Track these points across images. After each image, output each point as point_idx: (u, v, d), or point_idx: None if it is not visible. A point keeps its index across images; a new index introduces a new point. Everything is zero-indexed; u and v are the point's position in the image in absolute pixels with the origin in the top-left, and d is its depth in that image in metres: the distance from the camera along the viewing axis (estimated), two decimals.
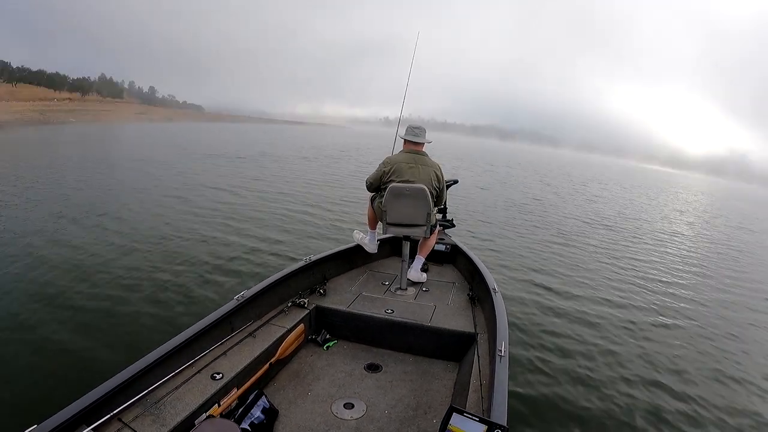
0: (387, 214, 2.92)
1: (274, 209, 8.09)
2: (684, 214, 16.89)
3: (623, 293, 5.43)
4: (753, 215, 22.35)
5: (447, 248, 3.75)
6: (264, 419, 1.84)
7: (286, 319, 2.48)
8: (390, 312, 2.68)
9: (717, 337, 4.50)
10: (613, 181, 31.03)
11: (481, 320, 2.60)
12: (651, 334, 4.26)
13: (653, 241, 9.45)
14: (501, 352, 1.90)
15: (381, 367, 2.40)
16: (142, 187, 9.25)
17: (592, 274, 6.06)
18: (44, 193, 7.84)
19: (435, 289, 3.17)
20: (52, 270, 4.30)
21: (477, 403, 1.80)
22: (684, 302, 5.49)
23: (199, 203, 8.02)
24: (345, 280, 3.22)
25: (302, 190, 10.57)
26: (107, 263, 4.60)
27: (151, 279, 4.29)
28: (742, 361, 4.02)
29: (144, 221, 6.43)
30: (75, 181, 9.26)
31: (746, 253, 10.18)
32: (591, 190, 20.05)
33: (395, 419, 1.97)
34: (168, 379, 1.79)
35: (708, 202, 26.78)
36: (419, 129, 3.08)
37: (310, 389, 2.17)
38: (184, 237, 5.78)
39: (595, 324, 4.31)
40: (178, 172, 11.74)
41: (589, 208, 13.37)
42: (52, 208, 6.71)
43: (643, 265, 7.13)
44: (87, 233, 5.60)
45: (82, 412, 1.43)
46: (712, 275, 7.27)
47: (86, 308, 3.61)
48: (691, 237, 11.25)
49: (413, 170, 2.98)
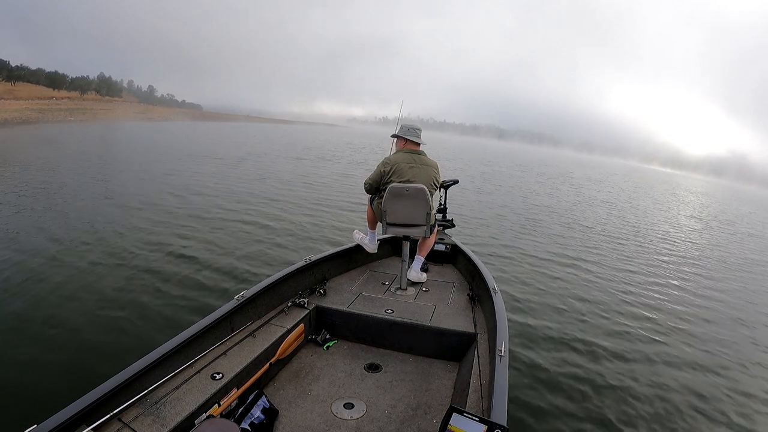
0: (387, 215, 2.92)
1: (278, 209, 8.09)
2: (698, 220, 15.83)
3: (624, 293, 5.44)
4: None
5: (447, 248, 3.75)
6: (264, 419, 1.84)
7: (286, 319, 2.47)
8: (390, 312, 2.68)
9: (720, 339, 4.49)
10: (614, 182, 31.02)
11: (481, 320, 2.60)
12: (652, 335, 4.27)
13: (654, 241, 9.47)
14: (501, 352, 1.90)
15: (381, 367, 2.40)
16: (143, 187, 9.24)
17: (593, 274, 6.07)
18: (45, 191, 7.83)
19: (435, 289, 3.17)
20: (51, 268, 4.29)
21: (477, 403, 1.80)
22: (685, 303, 5.50)
23: (196, 203, 8.01)
24: (345, 280, 3.22)
25: (316, 190, 10.58)
26: (107, 263, 4.60)
27: (151, 279, 4.29)
28: (747, 364, 4.03)
29: (140, 223, 6.43)
30: (74, 185, 9.24)
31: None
32: (589, 192, 20.05)
33: (395, 419, 1.97)
34: (168, 379, 1.79)
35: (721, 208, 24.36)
36: (418, 129, 3.08)
37: (310, 389, 2.16)
38: (182, 237, 5.77)
39: (595, 324, 4.32)
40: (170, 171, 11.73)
41: (589, 208, 13.39)
42: (52, 207, 6.70)
43: (644, 265, 7.15)
44: (86, 233, 5.60)
45: (82, 412, 1.43)
46: (721, 279, 7.29)
47: (86, 308, 3.61)
48: (695, 238, 11.27)
49: (413, 170, 2.98)
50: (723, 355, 4.08)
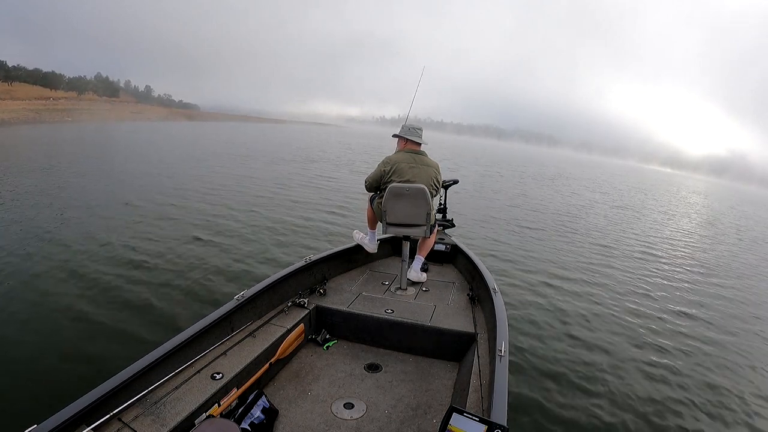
0: (387, 214, 2.92)
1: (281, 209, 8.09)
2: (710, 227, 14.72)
3: (624, 294, 5.44)
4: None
5: (447, 248, 3.75)
6: (264, 419, 1.84)
7: (286, 319, 2.47)
8: (390, 312, 2.68)
9: (723, 341, 4.48)
10: (614, 183, 31.04)
11: (481, 320, 2.60)
12: (653, 335, 4.27)
13: (655, 242, 9.48)
14: (501, 352, 1.90)
15: (381, 367, 2.40)
16: (143, 186, 9.22)
17: (594, 275, 6.07)
18: (42, 189, 7.81)
19: (435, 289, 3.17)
20: (49, 267, 4.29)
21: (477, 403, 1.80)
22: (687, 304, 5.49)
23: (194, 204, 8.00)
24: (345, 280, 3.22)
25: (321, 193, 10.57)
26: (106, 263, 4.59)
27: (151, 279, 4.28)
28: (745, 365, 4.03)
29: (139, 221, 6.41)
30: (73, 179, 9.21)
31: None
32: (590, 193, 20.09)
33: (395, 419, 1.97)
34: (168, 379, 1.78)
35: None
36: (419, 129, 3.08)
37: (310, 389, 2.16)
38: (181, 238, 5.76)
39: (595, 324, 4.32)
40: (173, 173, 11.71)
41: (589, 208, 13.41)
42: (51, 205, 6.68)
43: (644, 266, 7.16)
44: (85, 235, 5.58)
45: (82, 412, 1.43)
46: (720, 276, 7.31)
47: (86, 309, 3.59)
48: (692, 235, 11.30)
49: (414, 170, 2.97)
50: (726, 357, 4.07)
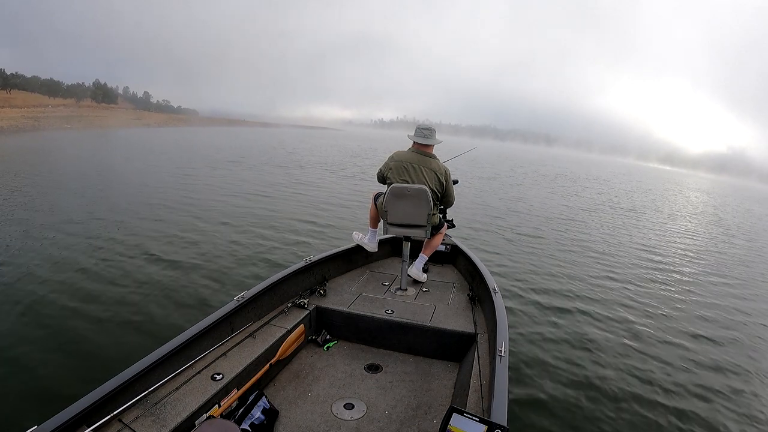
0: (388, 214, 2.91)
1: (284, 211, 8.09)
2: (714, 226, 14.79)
3: (625, 294, 5.44)
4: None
5: (447, 248, 3.76)
6: (264, 420, 1.84)
7: (286, 319, 2.47)
8: (390, 312, 2.68)
9: (725, 342, 4.45)
10: (613, 184, 31.06)
11: (481, 320, 2.60)
12: (653, 336, 4.26)
13: (656, 243, 9.48)
14: (501, 353, 1.91)
15: (381, 368, 2.40)
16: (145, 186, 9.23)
17: (594, 275, 6.07)
18: (46, 194, 7.81)
19: (435, 290, 3.17)
20: (50, 271, 4.28)
21: (477, 403, 1.80)
22: (687, 305, 5.48)
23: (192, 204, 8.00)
24: (345, 280, 3.22)
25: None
26: (107, 262, 4.59)
27: (151, 279, 4.27)
28: (744, 364, 4.02)
29: (140, 223, 6.41)
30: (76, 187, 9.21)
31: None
32: (589, 194, 20.11)
33: (395, 419, 1.97)
34: (168, 380, 1.78)
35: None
36: (428, 130, 2.97)
37: (311, 390, 2.16)
38: (180, 238, 5.76)
39: (596, 324, 4.32)
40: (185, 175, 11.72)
41: (590, 209, 13.42)
42: (55, 211, 6.68)
43: (645, 266, 7.16)
44: (85, 235, 5.58)
45: (82, 413, 1.43)
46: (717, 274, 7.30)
47: (85, 309, 3.59)
48: (685, 232, 11.30)
49: (414, 171, 2.93)
50: (729, 358, 4.06)
